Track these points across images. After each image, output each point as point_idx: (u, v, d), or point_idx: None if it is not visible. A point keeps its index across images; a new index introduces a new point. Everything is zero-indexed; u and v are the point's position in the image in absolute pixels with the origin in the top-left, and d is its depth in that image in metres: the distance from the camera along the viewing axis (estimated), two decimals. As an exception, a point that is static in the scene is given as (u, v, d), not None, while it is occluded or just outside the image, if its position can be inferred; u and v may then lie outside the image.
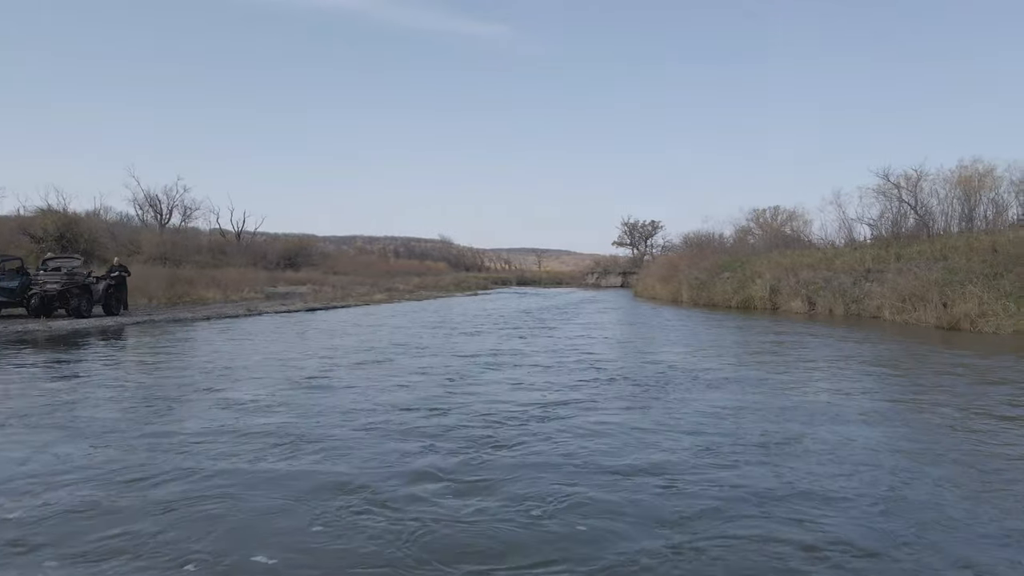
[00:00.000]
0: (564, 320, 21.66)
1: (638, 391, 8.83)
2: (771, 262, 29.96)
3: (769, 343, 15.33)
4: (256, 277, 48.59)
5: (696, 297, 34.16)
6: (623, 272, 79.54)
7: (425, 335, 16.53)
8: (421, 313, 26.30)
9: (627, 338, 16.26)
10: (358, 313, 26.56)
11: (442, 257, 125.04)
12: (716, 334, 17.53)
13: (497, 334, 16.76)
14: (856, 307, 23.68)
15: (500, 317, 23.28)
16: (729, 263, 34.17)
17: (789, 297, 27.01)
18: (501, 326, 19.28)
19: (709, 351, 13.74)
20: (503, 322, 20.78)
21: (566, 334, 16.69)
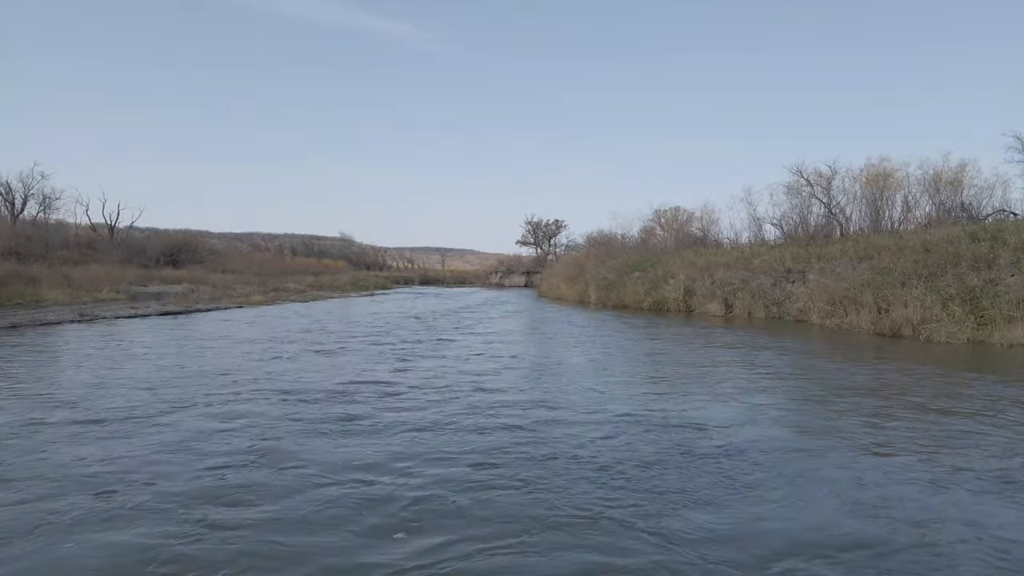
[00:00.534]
0: (460, 330, 17.99)
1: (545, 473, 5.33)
2: (684, 261, 27.68)
3: (697, 356, 12.43)
4: (124, 275, 42.48)
5: (605, 298, 31.56)
6: (527, 272, 77.12)
7: (268, 355, 12.37)
8: (294, 319, 21.89)
9: (533, 358, 12.84)
10: (218, 319, 21.78)
11: (342, 255, 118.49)
12: (630, 344, 14.59)
13: (369, 352, 12.83)
14: (778, 310, 21.56)
15: (385, 324, 19.42)
16: (639, 262, 31.78)
17: (705, 299, 24.72)
18: (381, 338, 15.40)
19: (632, 376, 10.56)
20: (386, 332, 16.90)
21: (459, 352, 12.97)
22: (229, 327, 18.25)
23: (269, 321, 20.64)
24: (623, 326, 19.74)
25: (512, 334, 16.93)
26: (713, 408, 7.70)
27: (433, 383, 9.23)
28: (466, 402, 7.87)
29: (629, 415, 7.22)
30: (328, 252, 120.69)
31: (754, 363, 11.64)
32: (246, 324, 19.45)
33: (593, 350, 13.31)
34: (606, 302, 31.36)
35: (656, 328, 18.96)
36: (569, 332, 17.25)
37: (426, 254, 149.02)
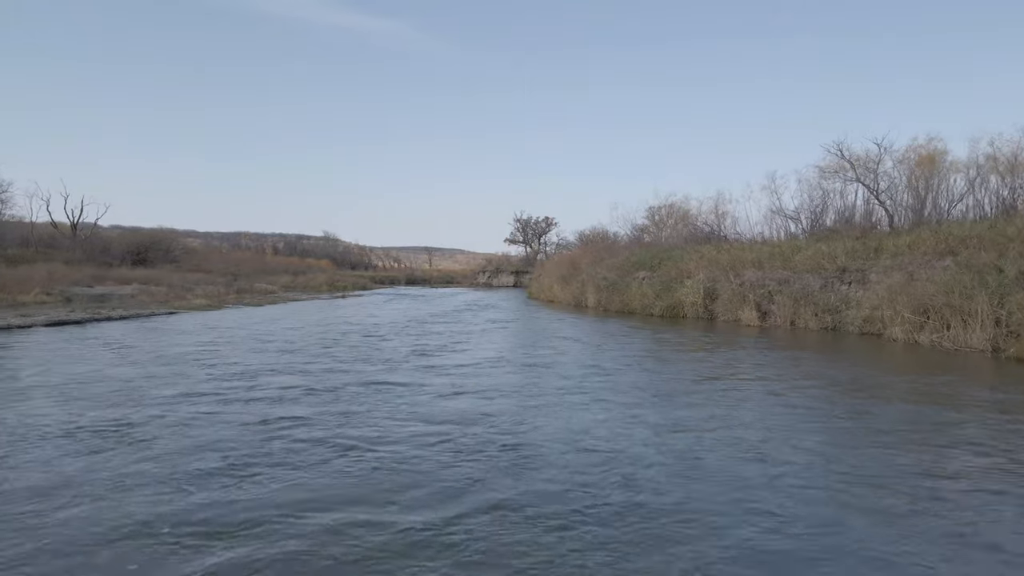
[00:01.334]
0: (420, 355, 12.18)
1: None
2: (703, 259, 22.84)
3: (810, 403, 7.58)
4: (73, 275, 37.27)
5: (606, 301, 26.69)
6: (516, 271, 72.23)
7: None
8: (198, 333, 16.65)
9: (526, 410, 7.91)
10: (109, 331, 16.71)
11: (326, 254, 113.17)
12: (659, 375, 9.73)
13: (258, 407, 7.77)
14: (832, 318, 16.76)
15: (317, 344, 13.71)
16: (646, 259, 26.93)
17: (732, 304, 19.89)
18: (270, 382, 9.19)
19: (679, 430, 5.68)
20: (299, 365, 10.69)
21: (414, 399, 8.09)
22: (80, 349, 13.10)
23: (159, 338, 15.52)
24: (645, 342, 14.84)
25: (495, 367, 10.55)
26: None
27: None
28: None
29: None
30: (312, 251, 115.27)
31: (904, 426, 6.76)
32: (143, 340, 14.34)
33: (646, 416, 8.46)
34: (608, 306, 26.50)
35: (686, 344, 14.09)
36: (578, 360, 11.54)
37: (414, 254, 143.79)
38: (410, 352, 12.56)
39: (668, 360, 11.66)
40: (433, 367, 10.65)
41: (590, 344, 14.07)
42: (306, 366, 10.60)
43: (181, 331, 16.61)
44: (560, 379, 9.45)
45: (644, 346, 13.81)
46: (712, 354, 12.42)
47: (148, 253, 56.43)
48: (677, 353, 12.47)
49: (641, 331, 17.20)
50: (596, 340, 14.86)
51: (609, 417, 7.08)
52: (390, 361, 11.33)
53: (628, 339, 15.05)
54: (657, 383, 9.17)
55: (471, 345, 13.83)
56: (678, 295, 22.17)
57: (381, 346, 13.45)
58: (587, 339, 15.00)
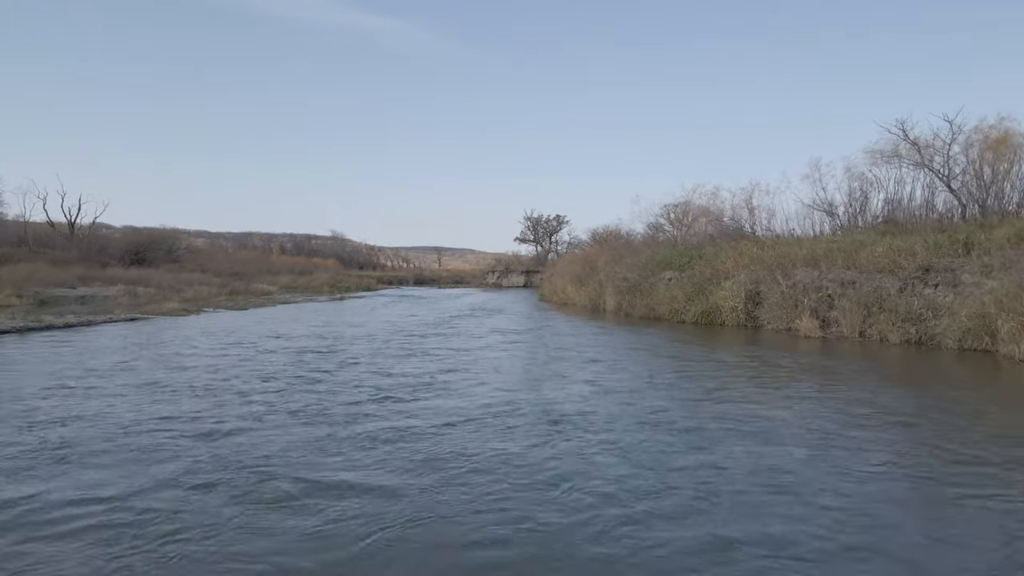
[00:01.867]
0: (402, 389, 8.52)
1: None
2: (742, 256, 19.54)
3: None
4: (54, 275, 34.69)
5: (628, 305, 23.43)
6: (526, 271, 69.12)
7: None
8: (124, 349, 13.74)
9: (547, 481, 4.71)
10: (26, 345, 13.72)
11: (334, 254, 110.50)
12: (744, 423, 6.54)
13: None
14: (917, 330, 13.43)
15: (269, 375, 9.45)
16: (672, 258, 23.64)
17: (782, 310, 16.60)
18: (159, 455, 5.44)
19: None
20: (207, 422, 6.66)
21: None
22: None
23: (59, 356, 12.48)
24: (702, 365, 11.61)
25: (499, 433, 6.37)
26: None
27: None
28: None
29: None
30: (320, 251, 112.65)
31: None
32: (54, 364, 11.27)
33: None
34: (630, 310, 23.24)
35: (766, 370, 10.85)
36: (629, 409, 7.33)
37: (423, 253, 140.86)
38: (370, 396, 8.12)
39: (765, 403, 8.39)
40: (392, 434, 6.23)
41: (633, 374, 9.97)
42: (163, 445, 5.85)
43: (85, 349, 13.53)
44: (618, 465, 5.38)
45: (709, 375, 10.48)
46: (794, 380, 9.19)
47: (147, 253, 54.24)
48: (762, 388, 9.18)
49: (686, 347, 13.93)
50: (637, 365, 11.01)
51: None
52: (325, 420, 6.85)
53: (678, 362, 11.69)
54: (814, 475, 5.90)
55: (466, 377, 9.40)
56: (714, 299, 18.90)
57: (336, 381, 9.18)
58: (625, 363, 11.17)
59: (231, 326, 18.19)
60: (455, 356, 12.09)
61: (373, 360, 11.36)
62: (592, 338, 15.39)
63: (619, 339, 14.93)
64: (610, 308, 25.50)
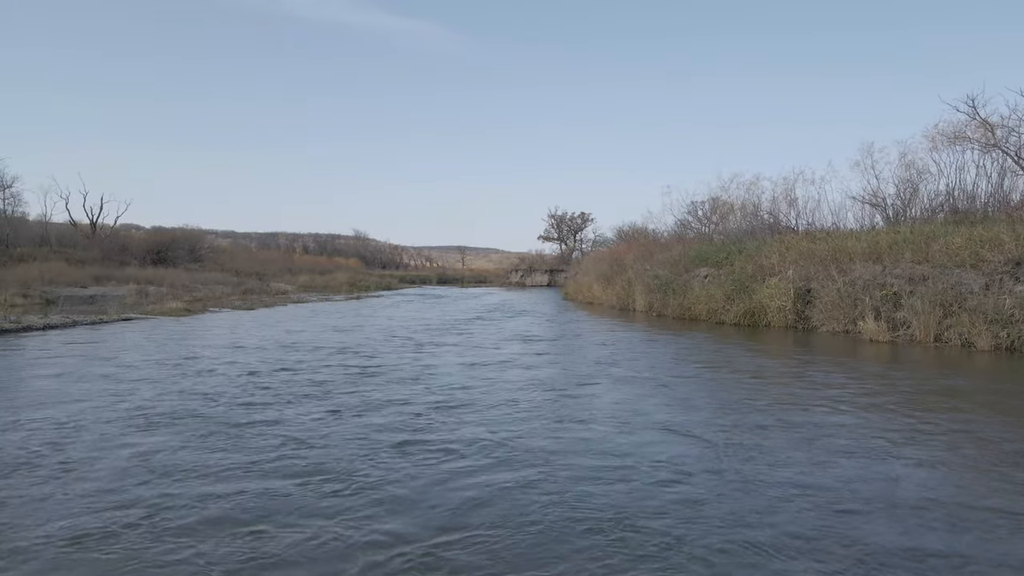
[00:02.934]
0: (390, 429, 5.92)
1: None
2: (789, 251, 17.50)
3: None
4: (67, 275, 34.15)
5: (660, 304, 21.51)
6: (550, 270, 67.33)
7: None
8: (86, 363, 12.26)
9: None
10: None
11: (357, 254, 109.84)
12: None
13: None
14: (1009, 334, 11.33)
15: (202, 422, 6.16)
16: (708, 253, 21.64)
17: (841, 310, 14.57)
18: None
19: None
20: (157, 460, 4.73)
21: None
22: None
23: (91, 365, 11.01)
24: (770, 376, 9.72)
25: (506, 512, 3.90)
26: None
27: None
28: None
29: None
30: (343, 250, 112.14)
31: None
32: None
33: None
34: (662, 310, 21.30)
35: (821, 376, 8.94)
36: (704, 463, 4.73)
37: (447, 253, 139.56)
38: (292, 471, 4.70)
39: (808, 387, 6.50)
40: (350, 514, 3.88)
41: (711, 408, 6.97)
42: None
43: (26, 360, 12.07)
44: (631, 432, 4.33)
45: (818, 404, 8.60)
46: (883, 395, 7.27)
47: (168, 252, 53.90)
48: (898, 429, 7.27)
49: (745, 356, 12.05)
50: (705, 394, 7.90)
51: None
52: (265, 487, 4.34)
53: (752, 382, 9.82)
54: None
55: (465, 421, 6.33)
56: (758, 298, 16.90)
57: (251, 435, 5.61)
58: (687, 389, 8.52)
59: (219, 329, 16.71)
60: (459, 378, 8.85)
61: (340, 388, 8.03)
62: (625, 345, 13.54)
63: (661, 348, 12.99)
64: (639, 308, 23.58)
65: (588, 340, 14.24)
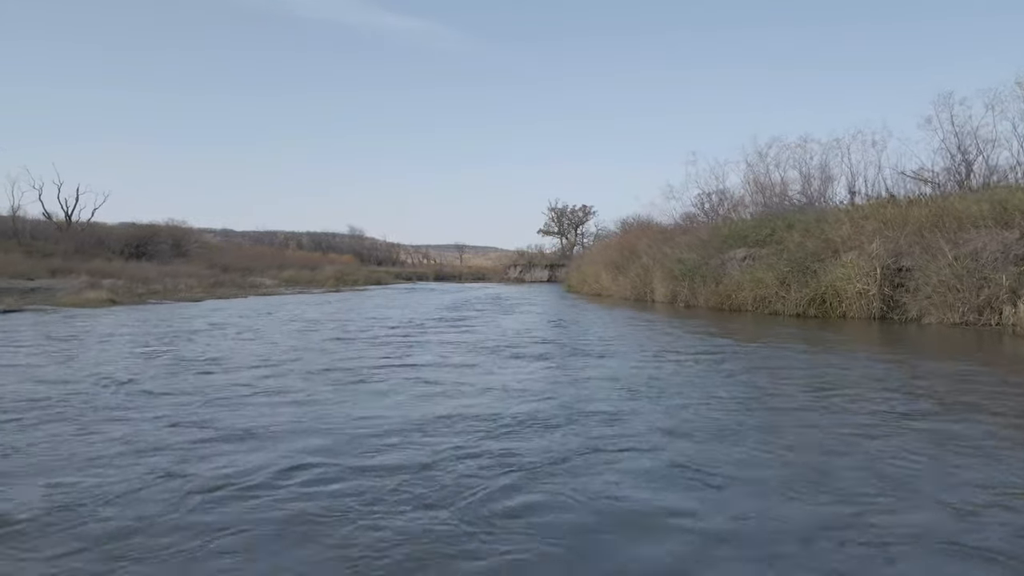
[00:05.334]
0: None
1: None
2: (868, 219, 13.20)
3: None
4: (7, 267, 30.08)
5: (689, 294, 17.21)
6: (550, 265, 63.09)
7: None
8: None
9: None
10: None
11: (352, 250, 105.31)
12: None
13: None
14: None
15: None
16: (747, 230, 17.36)
17: (959, 294, 10.32)
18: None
19: None
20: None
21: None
22: None
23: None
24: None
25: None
26: None
27: None
28: None
29: None
30: (338, 247, 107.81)
31: None
32: None
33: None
34: (691, 300, 17.03)
35: None
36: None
37: (446, 251, 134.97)
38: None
39: None
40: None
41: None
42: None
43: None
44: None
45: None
46: None
47: (148, 247, 50.02)
48: None
49: (874, 371, 7.77)
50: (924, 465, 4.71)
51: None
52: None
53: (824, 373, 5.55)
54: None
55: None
56: (828, 281, 12.60)
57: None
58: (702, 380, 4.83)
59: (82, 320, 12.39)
60: (419, 411, 4.55)
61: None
62: (678, 369, 9.22)
63: (731, 362, 8.70)
64: (660, 298, 19.32)
65: (615, 346, 9.95)
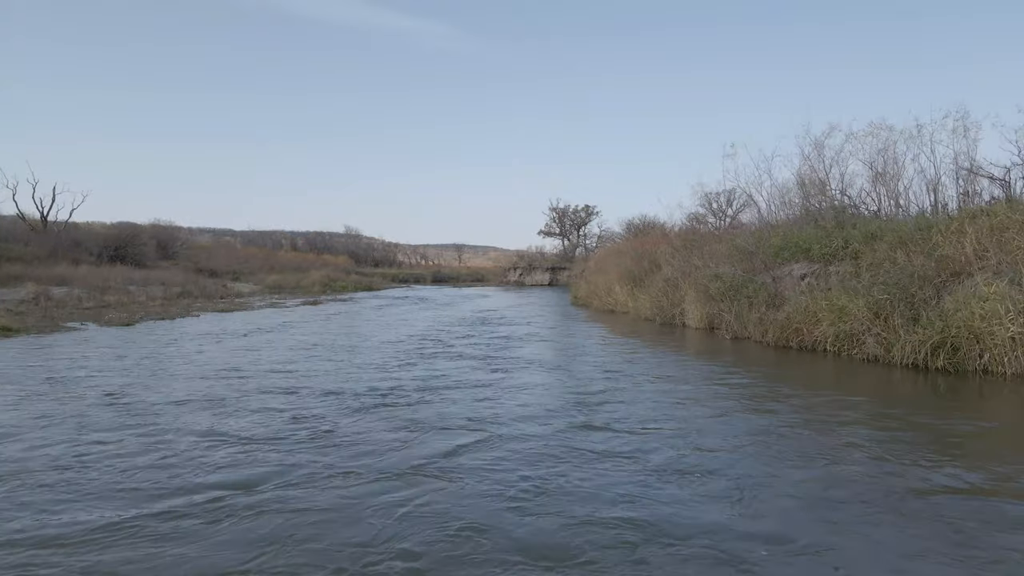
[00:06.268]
0: None
1: None
2: (1010, 228, 9.28)
3: None
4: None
5: (737, 322, 13.31)
6: (552, 267, 59.16)
7: None
8: None
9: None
10: None
11: (347, 250, 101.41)
12: None
13: None
14: None
15: None
16: (811, 239, 13.42)
17: None
18: None
19: None
20: None
21: None
22: None
23: None
24: None
25: None
26: None
27: None
28: None
29: None
30: (333, 247, 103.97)
31: None
32: None
33: None
34: (739, 331, 13.13)
35: None
36: None
37: (445, 251, 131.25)
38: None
39: None
40: None
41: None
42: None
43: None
44: None
45: None
46: None
47: (129, 248, 46.27)
48: None
49: None
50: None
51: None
52: None
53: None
54: None
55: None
56: (961, 318, 8.67)
57: None
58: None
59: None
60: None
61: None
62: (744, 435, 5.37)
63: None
64: (693, 323, 15.43)
65: (688, 439, 6.09)
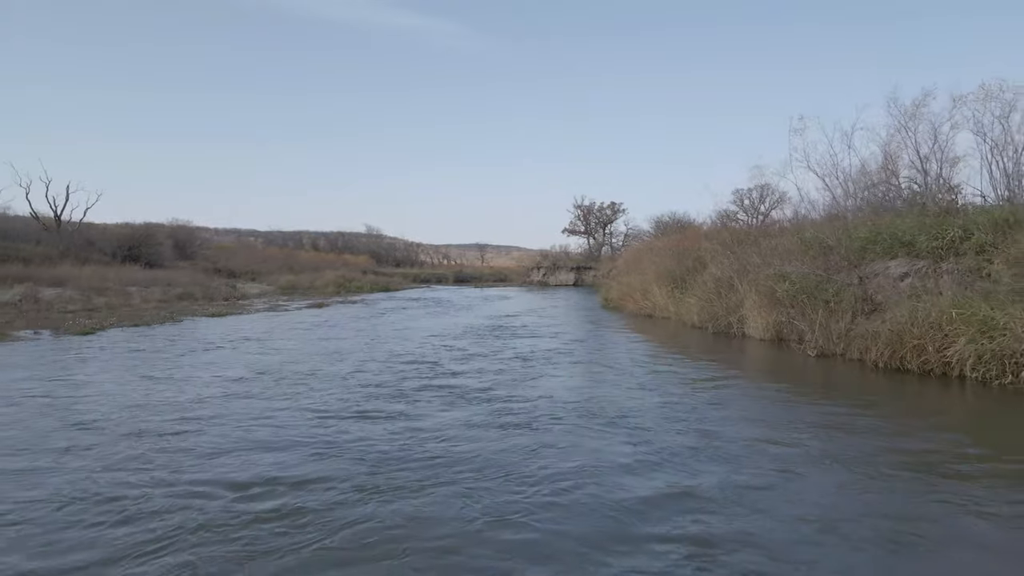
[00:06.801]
0: None
1: None
2: None
3: None
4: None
5: (822, 335, 10.51)
6: (577, 267, 56.25)
7: None
8: None
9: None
10: None
11: (369, 250, 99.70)
12: None
13: None
14: None
15: None
16: (913, 230, 10.57)
17: None
18: None
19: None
20: None
21: None
22: None
23: None
24: None
25: None
26: None
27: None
28: None
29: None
30: (355, 247, 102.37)
31: None
32: None
33: None
34: (826, 346, 10.32)
35: None
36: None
37: (467, 251, 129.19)
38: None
39: None
40: None
41: None
42: None
43: None
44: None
45: None
46: None
47: (142, 248, 44.70)
48: None
49: None
50: None
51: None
52: None
53: None
54: None
55: None
56: None
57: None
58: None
59: None
60: None
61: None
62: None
63: None
64: (756, 333, 12.62)
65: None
